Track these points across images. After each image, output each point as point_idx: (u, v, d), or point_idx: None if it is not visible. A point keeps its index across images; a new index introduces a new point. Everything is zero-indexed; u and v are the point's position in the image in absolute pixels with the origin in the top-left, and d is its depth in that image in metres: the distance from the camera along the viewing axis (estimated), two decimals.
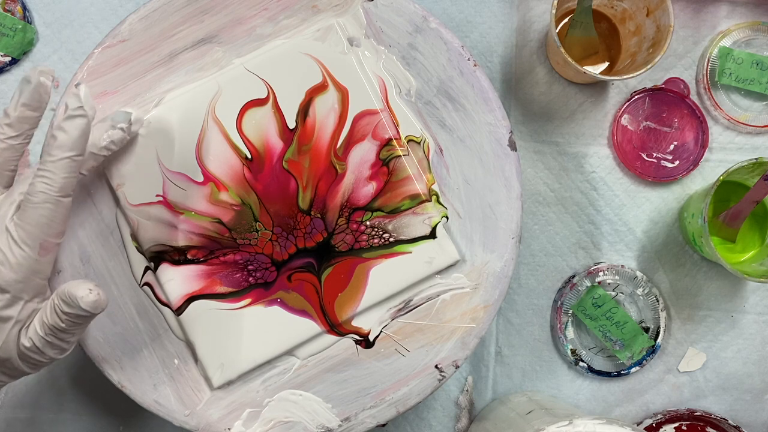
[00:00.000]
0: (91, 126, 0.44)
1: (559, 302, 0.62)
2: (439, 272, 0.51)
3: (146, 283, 0.51)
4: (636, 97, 0.63)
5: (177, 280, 0.50)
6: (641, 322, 0.62)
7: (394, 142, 0.51)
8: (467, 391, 0.62)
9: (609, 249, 0.64)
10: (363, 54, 0.52)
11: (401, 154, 0.51)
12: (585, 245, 0.63)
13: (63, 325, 0.43)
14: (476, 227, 0.52)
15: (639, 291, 0.62)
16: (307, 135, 0.51)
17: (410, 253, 0.51)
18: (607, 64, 0.63)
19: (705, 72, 0.63)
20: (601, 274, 0.62)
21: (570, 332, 0.63)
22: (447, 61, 0.52)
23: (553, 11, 0.56)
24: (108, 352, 0.51)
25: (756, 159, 0.55)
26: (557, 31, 0.57)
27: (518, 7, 0.64)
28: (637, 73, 0.56)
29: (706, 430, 0.62)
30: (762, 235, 0.61)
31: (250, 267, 0.51)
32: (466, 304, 0.51)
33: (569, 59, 0.55)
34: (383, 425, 0.51)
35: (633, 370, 0.62)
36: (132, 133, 0.49)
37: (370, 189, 0.51)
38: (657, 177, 0.63)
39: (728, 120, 0.63)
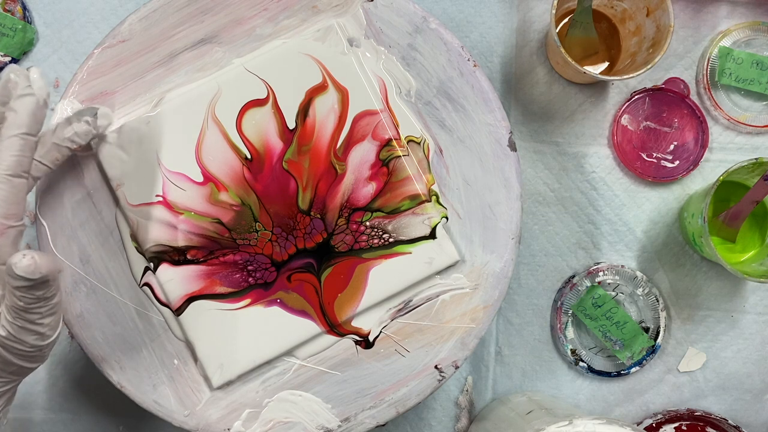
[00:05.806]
0: (58, 118, 0.44)
1: (559, 302, 0.62)
2: (439, 273, 0.51)
3: (146, 284, 0.51)
4: (636, 97, 0.63)
5: (176, 281, 0.50)
6: (641, 322, 0.62)
7: (394, 143, 0.51)
8: (467, 391, 0.62)
9: (609, 249, 0.63)
10: (363, 54, 0.52)
11: (401, 154, 0.51)
12: (585, 245, 0.63)
13: (21, 303, 0.40)
14: (476, 228, 0.52)
15: (639, 291, 0.62)
16: (306, 135, 0.51)
17: (410, 253, 0.51)
18: (607, 64, 0.63)
19: (705, 72, 0.63)
20: (601, 274, 0.62)
21: (570, 332, 0.63)
22: (447, 61, 0.52)
23: (553, 11, 0.56)
24: (108, 352, 0.51)
25: (756, 159, 0.55)
26: (557, 31, 0.57)
27: (518, 7, 0.64)
28: (637, 73, 0.56)
29: (706, 430, 0.62)
30: (762, 235, 0.61)
31: (249, 267, 0.51)
32: (465, 304, 0.51)
33: (569, 59, 0.55)
34: (383, 425, 0.51)
35: (633, 370, 0.62)
36: (99, 128, 0.48)
37: (369, 189, 0.51)
38: (657, 177, 0.63)
39: (728, 120, 0.63)
